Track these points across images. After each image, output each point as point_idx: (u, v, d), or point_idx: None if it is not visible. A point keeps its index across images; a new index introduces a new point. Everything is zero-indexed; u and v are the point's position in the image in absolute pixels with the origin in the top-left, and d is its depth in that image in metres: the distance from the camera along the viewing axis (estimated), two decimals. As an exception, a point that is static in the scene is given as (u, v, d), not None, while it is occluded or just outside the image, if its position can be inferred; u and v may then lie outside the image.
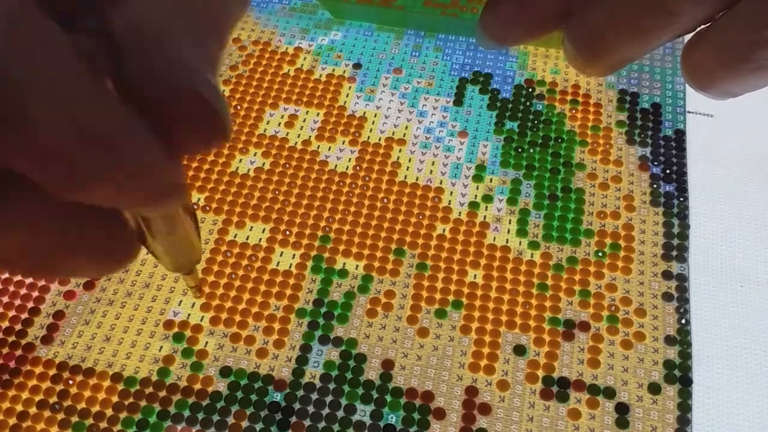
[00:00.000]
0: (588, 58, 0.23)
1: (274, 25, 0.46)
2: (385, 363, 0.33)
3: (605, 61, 0.23)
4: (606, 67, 0.23)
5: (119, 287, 0.35)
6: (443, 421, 0.31)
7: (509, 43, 0.24)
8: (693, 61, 0.23)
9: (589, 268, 0.36)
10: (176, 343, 0.33)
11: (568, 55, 0.23)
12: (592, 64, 0.23)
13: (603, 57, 0.23)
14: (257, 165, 0.39)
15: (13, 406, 0.32)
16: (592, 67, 0.23)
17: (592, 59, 0.23)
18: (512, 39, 0.24)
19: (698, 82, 0.23)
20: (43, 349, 0.33)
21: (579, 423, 0.32)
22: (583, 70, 0.24)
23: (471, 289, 0.35)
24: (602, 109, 0.42)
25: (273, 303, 0.35)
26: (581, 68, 0.24)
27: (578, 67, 0.24)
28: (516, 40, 0.24)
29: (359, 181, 0.39)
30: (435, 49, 0.45)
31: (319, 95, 0.43)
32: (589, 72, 0.24)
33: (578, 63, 0.23)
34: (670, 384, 0.33)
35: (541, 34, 0.24)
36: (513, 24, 0.23)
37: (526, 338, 0.34)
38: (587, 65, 0.23)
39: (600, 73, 0.24)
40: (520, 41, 0.25)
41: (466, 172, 0.39)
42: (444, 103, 0.42)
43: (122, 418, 0.31)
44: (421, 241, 0.37)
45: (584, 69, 0.24)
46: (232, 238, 0.37)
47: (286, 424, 0.31)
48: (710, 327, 0.34)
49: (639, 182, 0.39)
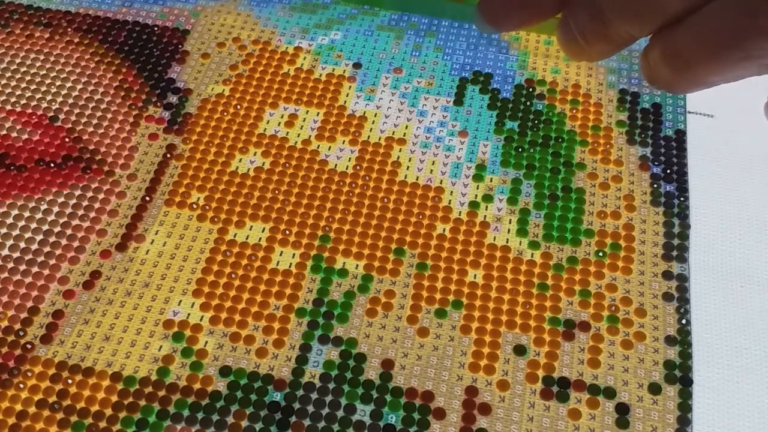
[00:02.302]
0: (588, 40, 0.23)
1: (274, 24, 0.46)
2: (385, 363, 0.33)
3: (605, 42, 0.23)
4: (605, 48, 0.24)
5: (119, 287, 0.35)
6: (443, 421, 0.31)
7: (507, 28, 0.24)
8: (673, 44, 0.22)
9: (590, 268, 0.36)
10: (176, 342, 0.33)
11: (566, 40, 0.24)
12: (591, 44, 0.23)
13: (595, 45, 0.23)
14: (257, 165, 0.39)
15: (13, 406, 0.31)
16: (591, 47, 0.24)
17: (592, 40, 0.23)
18: (510, 24, 0.24)
19: (675, 69, 0.22)
20: (42, 349, 0.33)
21: (579, 423, 0.31)
22: (580, 55, 0.24)
23: (471, 289, 0.35)
24: (603, 109, 0.42)
25: (273, 302, 0.35)
26: (580, 54, 0.24)
27: (576, 54, 0.24)
28: (514, 26, 0.24)
29: (359, 180, 0.39)
30: (435, 49, 0.45)
31: (319, 95, 0.43)
32: (584, 56, 0.24)
33: (577, 49, 0.24)
34: (671, 384, 0.33)
35: (538, 20, 0.24)
36: (511, 8, 0.23)
37: (526, 338, 0.34)
38: (587, 46, 0.24)
39: (596, 56, 0.24)
40: (517, 26, 0.24)
41: (467, 172, 0.39)
42: (444, 103, 0.42)
43: (121, 417, 0.31)
44: (421, 240, 0.37)
45: (583, 54, 0.24)
46: (232, 237, 0.37)
47: (286, 423, 0.31)
48: (711, 327, 0.34)
49: (639, 182, 0.39)
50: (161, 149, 0.40)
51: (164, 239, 0.37)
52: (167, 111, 0.42)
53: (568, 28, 0.24)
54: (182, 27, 0.46)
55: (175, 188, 0.38)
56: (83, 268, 0.35)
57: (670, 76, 0.23)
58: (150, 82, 0.43)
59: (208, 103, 0.42)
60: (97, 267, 0.36)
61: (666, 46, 0.22)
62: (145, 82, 0.43)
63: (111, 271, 0.35)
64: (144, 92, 0.42)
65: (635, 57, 0.45)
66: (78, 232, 0.37)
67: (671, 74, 0.23)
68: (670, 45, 0.22)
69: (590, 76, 0.44)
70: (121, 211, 0.37)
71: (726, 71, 0.22)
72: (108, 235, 0.37)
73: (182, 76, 0.43)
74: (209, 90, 0.43)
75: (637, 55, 0.45)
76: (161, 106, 0.42)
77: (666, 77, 0.23)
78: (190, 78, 0.43)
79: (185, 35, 0.45)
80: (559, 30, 0.24)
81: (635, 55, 0.45)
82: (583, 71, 0.44)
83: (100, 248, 0.36)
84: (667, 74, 0.23)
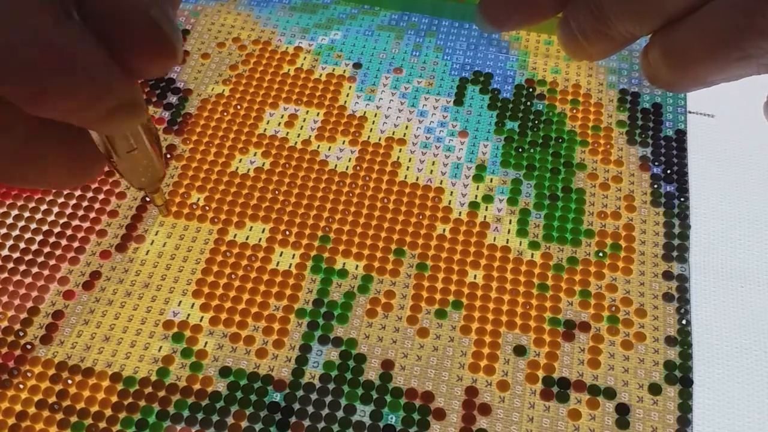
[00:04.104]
0: (591, 40, 0.23)
1: (274, 24, 0.46)
2: (385, 363, 0.33)
3: (607, 41, 0.23)
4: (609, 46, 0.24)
5: (118, 287, 0.35)
6: (443, 422, 0.31)
7: (507, 28, 0.24)
8: (672, 43, 0.22)
9: (590, 268, 0.36)
10: (175, 343, 0.33)
11: (566, 39, 0.24)
12: (592, 44, 0.23)
13: (597, 45, 0.23)
14: (257, 165, 0.39)
15: (12, 406, 0.31)
16: (592, 47, 0.24)
17: (593, 39, 0.23)
18: (510, 23, 0.24)
19: (675, 68, 0.23)
20: (42, 349, 0.33)
21: (579, 423, 0.31)
22: (581, 55, 0.24)
23: (471, 290, 0.35)
24: (603, 109, 0.42)
25: (273, 303, 0.35)
26: (581, 53, 0.24)
27: (577, 53, 0.24)
28: (514, 25, 0.24)
29: (359, 181, 0.39)
30: (435, 49, 0.45)
31: (319, 95, 0.43)
32: (586, 56, 0.24)
33: (579, 49, 0.24)
34: (671, 384, 0.32)
35: (539, 19, 0.24)
36: (511, 8, 0.23)
37: (526, 338, 0.34)
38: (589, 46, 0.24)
39: (598, 55, 0.24)
40: (518, 26, 0.24)
41: (467, 172, 0.39)
42: (444, 103, 0.42)
43: (121, 418, 0.31)
44: (421, 241, 0.37)
45: (584, 53, 0.24)
46: (232, 238, 0.37)
47: (286, 424, 0.31)
48: (711, 327, 0.34)
49: (640, 182, 0.39)
50: (161, 149, 0.40)
51: (164, 240, 0.37)
52: (167, 111, 0.42)
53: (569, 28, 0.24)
54: (182, 27, 0.46)
55: (175, 189, 0.38)
56: (83, 269, 0.35)
57: (670, 74, 0.23)
58: (150, 82, 0.43)
59: (208, 104, 0.42)
60: (96, 267, 0.36)
61: (666, 45, 0.22)
62: (144, 82, 0.43)
63: (111, 271, 0.35)
64: (144, 92, 0.42)
65: (635, 57, 0.45)
66: (78, 233, 0.37)
67: (671, 73, 0.23)
68: (670, 44, 0.22)
69: (590, 76, 0.44)
70: (121, 211, 0.37)
71: (725, 70, 0.22)
72: (108, 235, 0.37)
73: (182, 76, 0.43)
74: (209, 90, 0.43)
75: (638, 55, 0.45)
76: (161, 106, 0.42)
77: (666, 76, 0.23)
78: (190, 78, 0.43)
79: (185, 35, 0.45)
80: (560, 29, 0.24)
81: (635, 55, 0.45)
82: (584, 71, 0.44)
83: (99, 249, 0.36)
84: (667, 73, 0.23)
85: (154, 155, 0.23)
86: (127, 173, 0.23)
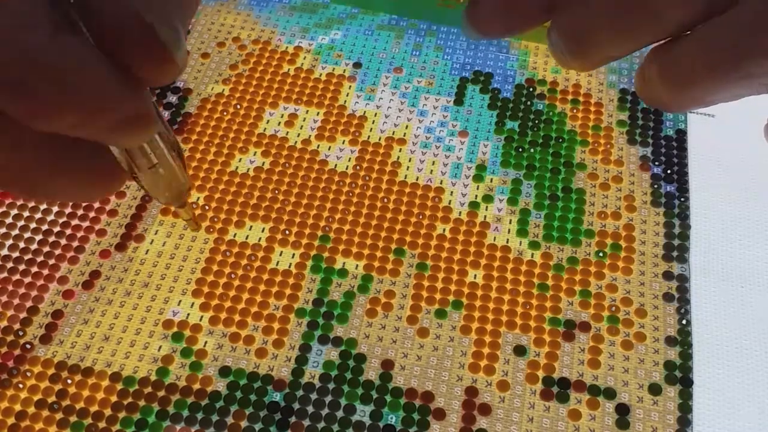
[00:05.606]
0: (574, 54, 0.23)
1: (274, 24, 0.46)
2: (385, 363, 0.33)
3: (590, 58, 0.23)
4: (590, 63, 0.23)
5: (118, 287, 0.35)
6: (443, 422, 0.31)
7: (493, 36, 0.24)
8: (670, 65, 0.22)
9: (590, 268, 0.36)
10: (175, 342, 0.33)
11: (553, 49, 0.23)
12: (577, 59, 0.23)
13: (588, 53, 0.22)
14: (257, 164, 0.39)
15: (12, 406, 0.31)
16: (577, 62, 0.23)
17: (577, 54, 0.23)
18: (496, 31, 0.24)
19: (672, 87, 0.22)
20: (41, 349, 0.33)
21: (579, 424, 0.31)
22: (566, 64, 0.24)
23: (471, 289, 0.35)
24: (603, 109, 0.42)
25: (272, 303, 0.35)
26: (565, 63, 0.23)
27: (562, 62, 0.23)
28: (500, 33, 0.24)
29: (359, 180, 0.39)
30: (435, 49, 0.45)
31: (319, 94, 0.43)
32: (573, 66, 0.24)
33: (563, 57, 0.23)
34: (671, 385, 0.32)
35: (525, 28, 0.23)
36: (497, 17, 0.23)
37: (526, 338, 0.34)
38: (572, 60, 0.23)
39: (583, 68, 0.24)
40: (504, 34, 0.24)
41: (467, 172, 0.39)
42: (444, 103, 0.42)
43: (121, 417, 0.31)
44: (421, 241, 0.37)
45: (568, 64, 0.23)
46: (232, 237, 0.37)
47: (286, 424, 0.31)
48: (711, 328, 0.34)
49: (640, 182, 0.39)
50: (161, 149, 0.40)
51: (164, 239, 0.36)
52: (167, 111, 0.42)
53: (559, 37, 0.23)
54: (182, 26, 0.46)
55: (175, 188, 0.38)
56: (83, 268, 0.35)
57: (667, 94, 0.22)
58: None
59: (208, 103, 0.42)
60: (96, 267, 0.36)
61: (663, 65, 0.22)
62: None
63: (110, 271, 0.35)
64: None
65: (635, 57, 0.45)
66: (77, 232, 0.37)
67: (668, 92, 0.22)
68: (668, 63, 0.22)
69: (591, 76, 0.44)
70: (121, 211, 0.37)
71: (725, 90, 0.21)
72: (108, 235, 0.37)
73: (182, 76, 0.43)
74: (209, 89, 0.43)
75: (638, 55, 0.45)
76: (161, 105, 0.42)
77: (662, 95, 0.23)
78: (189, 77, 0.43)
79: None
80: (548, 39, 0.24)
81: (636, 54, 0.45)
82: (584, 71, 0.44)
83: (99, 248, 0.36)
84: (664, 92, 0.22)
85: (177, 170, 0.22)
86: (152, 189, 0.22)
